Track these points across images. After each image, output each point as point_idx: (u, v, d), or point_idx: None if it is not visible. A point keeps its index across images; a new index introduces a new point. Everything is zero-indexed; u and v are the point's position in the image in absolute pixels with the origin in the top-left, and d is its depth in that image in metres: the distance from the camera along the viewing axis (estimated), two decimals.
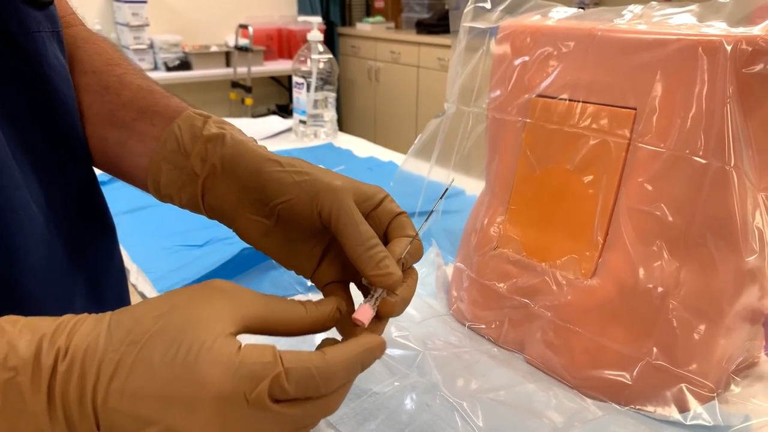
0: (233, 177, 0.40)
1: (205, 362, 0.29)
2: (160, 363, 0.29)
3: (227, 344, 0.30)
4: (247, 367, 0.30)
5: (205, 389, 0.29)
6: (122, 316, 0.31)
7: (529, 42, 0.65)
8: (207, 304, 0.32)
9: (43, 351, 0.29)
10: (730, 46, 0.50)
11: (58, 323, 0.30)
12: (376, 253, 0.38)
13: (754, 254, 0.50)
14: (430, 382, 0.57)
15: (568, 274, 0.59)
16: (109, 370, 0.29)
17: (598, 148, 0.58)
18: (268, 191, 0.40)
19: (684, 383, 0.52)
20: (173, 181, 0.42)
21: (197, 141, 0.42)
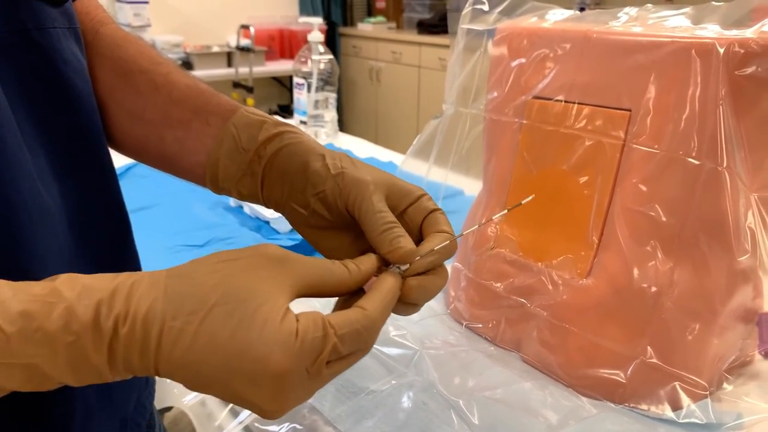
0: (285, 170, 0.43)
1: (268, 342, 0.31)
2: (223, 337, 0.31)
3: (288, 323, 0.32)
4: (307, 344, 0.32)
5: (267, 367, 0.31)
6: (178, 280, 0.32)
7: (526, 44, 0.66)
8: (262, 275, 0.33)
9: (101, 315, 0.30)
10: (722, 49, 0.51)
11: (115, 286, 0.31)
12: (390, 233, 0.39)
13: (746, 254, 0.51)
14: (427, 380, 0.58)
15: (563, 273, 0.60)
16: (170, 338, 0.31)
17: (594, 149, 0.59)
18: (309, 184, 0.43)
19: (677, 381, 0.53)
20: (231, 175, 0.45)
21: (254, 141, 0.44)
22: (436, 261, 0.40)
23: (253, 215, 0.99)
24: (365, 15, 4.35)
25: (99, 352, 0.30)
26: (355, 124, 4.29)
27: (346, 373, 0.59)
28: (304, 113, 1.48)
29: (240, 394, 0.32)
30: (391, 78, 3.90)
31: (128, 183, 1.16)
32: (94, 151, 0.45)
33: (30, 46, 0.40)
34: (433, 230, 0.42)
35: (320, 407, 0.56)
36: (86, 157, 0.44)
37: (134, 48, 0.50)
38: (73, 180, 0.42)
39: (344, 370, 0.35)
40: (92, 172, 0.45)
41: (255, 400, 0.32)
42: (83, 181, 0.44)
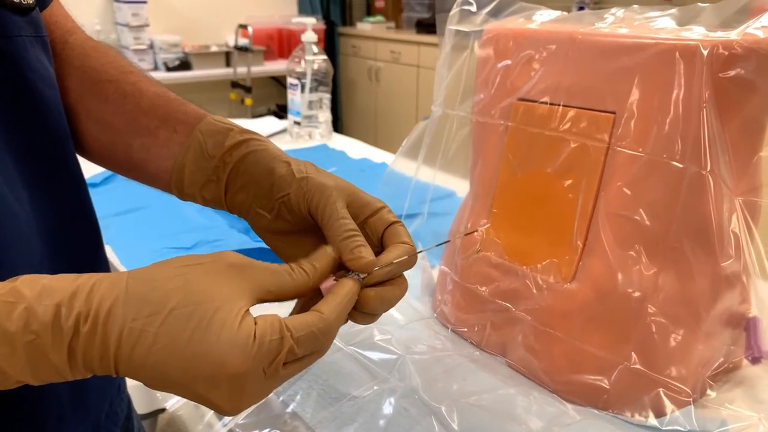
0: (250, 176, 0.44)
1: (225, 345, 0.32)
2: (182, 340, 0.32)
3: (246, 326, 0.33)
4: (264, 347, 0.33)
5: (224, 369, 0.32)
6: (140, 282, 0.33)
7: (512, 45, 0.65)
8: (222, 281, 0.34)
9: (62, 316, 0.31)
10: (706, 51, 0.50)
11: (76, 287, 0.32)
12: (352, 241, 0.40)
13: (730, 259, 0.50)
14: (410, 386, 0.57)
15: (548, 278, 0.59)
16: (130, 339, 0.31)
17: (578, 152, 0.58)
18: (274, 188, 0.44)
19: (661, 388, 0.52)
20: (196, 181, 0.46)
21: (220, 148, 0.45)
22: (395, 271, 0.41)
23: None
24: (364, 14, 4.34)
25: (59, 352, 0.31)
26: (354, 124, 4.28)
27: (329, 378, 0.60)
28: (297, 114, 1.47)
29: (200, 393, 0.33)
30: (390, 78, 3.89)
31: (118, 185, 1.15)
32: (63, 158, 0.46)
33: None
34: (395, 241, 0.42)
35: (302, 413, 0.56)
36: (54, 164, 0.45)
37: (103, 57, 0.50)
38: (42, 187, 0.43)
39: (300, 370, 0.36)
40: (61, 179, 0.45)
41: (213, 399, 0.33)
42: (52, 188, 0.44)
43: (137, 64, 0.53)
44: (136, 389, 0.79)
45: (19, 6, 0.41)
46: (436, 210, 0.83)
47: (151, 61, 3.53)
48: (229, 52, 3.67)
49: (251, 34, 3.54)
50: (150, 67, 3.52)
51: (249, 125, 1.65)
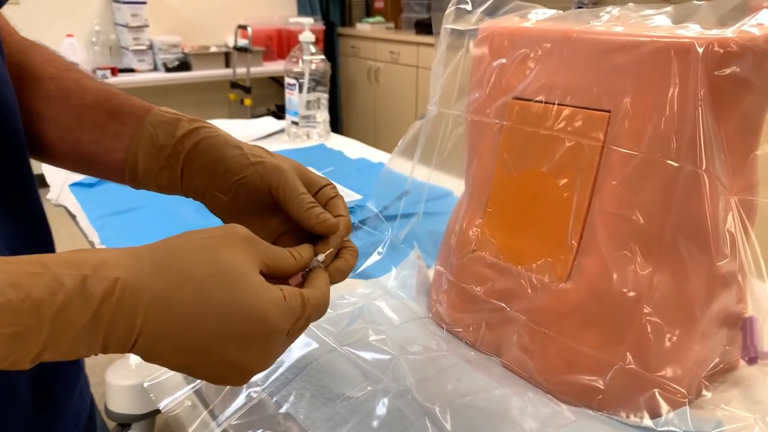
0: (204, 161, 0.47)
1: (266, 305, 0.36)
2: (218, 304, 0.34)
3: (275, 289, 0.37)
4: (292, 309, 0.37)
5: (264, 326, 0.36)
6: (163, 256, 0.35)
7: (507, 44, 0.65)
8: (239, 251, 0.37)
9: (89, 285, 0.32)
10: (701, 49, 0.50)
11: (99, 259, 0.33)
12: (315, 210, 0.46)
13: (725, 259, 0.50)
14: (404, 386, 0.57)
15: (542, 277, 0.59)
16: (161, 307, 0.33)
17: (573, 151, 0.58)
18: (229, 172, 0.47)
19: (656, 388, 0.52)
20: (149, 170, 0.48)
21: (171, 137, 0.48)
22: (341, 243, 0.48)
23: None
24: (364, 15, 4.34)
25: (83, 320, 0.31)
26: (354, 124, 4.28)
27: (323, 379, 0.59)
28: (295, 114, 1.47)
29: (227, 355, 0.35)
30: (389, 78, 3.89)
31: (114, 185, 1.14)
32: (21, 160, 0.46)
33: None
34: (334, 214, 0.48)
35: (295, 414, 0.55)
36: (14, 165, 0.45)
37: (42, 56, 0.52)
38: (3, 193, 0.43)
39: (302, 333, 0.41)
40: (21, 182, 0.46)
41: (241, 359, 0.36)
42: (11, 194, 0.45)
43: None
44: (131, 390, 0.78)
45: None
46: (432, 210, 0.83)
47: (150, 62, 3.53)
48: (229, 53, 3.67)
49: (250, 35, 3.54)
50: (149, 67, 3.51)
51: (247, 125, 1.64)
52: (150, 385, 0.65)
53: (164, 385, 0.65)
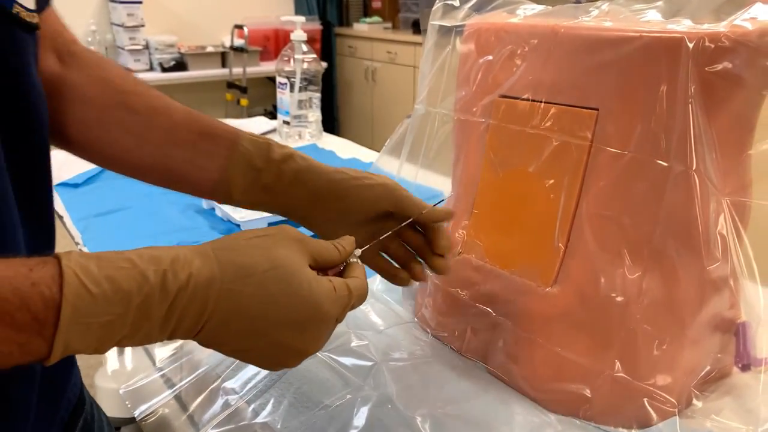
0: (306, 186, 0.54)
1: (320, 295, 0.40)
2: (279, 293, 0.38)
3: (325, 281, 0.41)
4: (341, 299, 0.41)
5: (319, 313, 0.40)
6: (226, 253, 0.38)
7: (494, 40, 0.63)
8: (291, 249, 0.41)
9: (168, 279, 0.35)
10: (692, 44, 0.48)
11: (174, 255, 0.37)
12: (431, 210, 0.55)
13: (716, 262, 0.48)
14: (384, 394, 0.55)
15: (529, 281, 0.57)
16: (229, 297, 0.37)
17: (560, 150, 0.56)
18: (336, 194, 0.54)
19: (646, 398, 0.50)
20: (244, 190, 0.53)
21: (268, 160, 0.53)
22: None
23: (225, 218, 0.96)
24: (361, 15, 4.32)
25: (161, 310, 0.35)
26: (351, 124, 4.26)
27: (302, 386, 0.57)
28: (287, 113, 1.45)
29: (283, 339, 0.39)
30: (386, 78, 3.87)
31: (101, 185, 1.13)
32: (45, 172, 0.47)
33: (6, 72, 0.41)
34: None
35: (272, 423, 0.54)
36: (39, 177, 0.46)
37: (116, 70, 0.54)
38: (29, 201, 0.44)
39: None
40: (42, 192, 0.47)
41: (298, 343, 0.40)
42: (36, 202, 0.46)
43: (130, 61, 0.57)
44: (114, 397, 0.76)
45: (29, 24, 0.43)
46: None
47: (146, 62, 3.50)
48: (225, 53, 3.65)
49: (247, 35, 3.52)
50: (145, 67, 3.49)
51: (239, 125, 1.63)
52: (125, 392, 0.63)
53: (140, 392, 0.63)
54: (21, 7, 0.41)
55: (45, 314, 0.32)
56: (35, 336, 0.32)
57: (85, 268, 0.33)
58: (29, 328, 0.32)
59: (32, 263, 0.33)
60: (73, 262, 0.33)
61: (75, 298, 0.32)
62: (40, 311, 0.32)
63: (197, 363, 0.64)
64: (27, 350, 0.32)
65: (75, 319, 0.32)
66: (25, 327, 0.32)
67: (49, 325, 0.32)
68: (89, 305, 0.33)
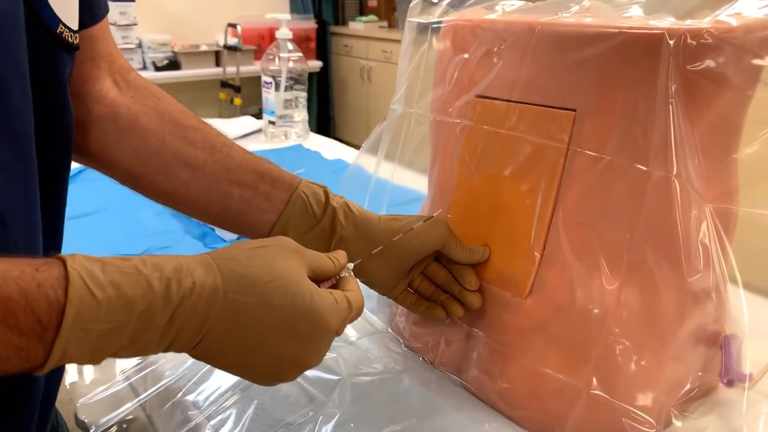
0: (365, 236, 0.54)
1: (322, 306, 0.39)
2: (281, 304, 0.38)
3: (326, 293, 0.40)
4: (342, 311, 0.41)
5: (322, 325, 0.39)
6: (228, 263, 0.38)
7: (470, 38, 0.60)
8: (291, 260, 0.40)
9: (172, 288, 0.34)
10: (672, 41, 0.45)
11: (177, 264, 0.36)
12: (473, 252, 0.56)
13: (698, 273, 0.45)
14: (348, 412, 0.52)
15: (503, 291, 0.54)
16: (231, 308, 0.36)
17: (537, 153, 0.53)
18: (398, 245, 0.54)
19: (624, 417, 0.47)
20: (298, 235, 0.53)
21: (324, 207, 0.54)
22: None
23: (201, 222, 0.93)
24: (357, 14, 4.29)
25: (162, 320, 0.34)
26: (346, 124, 4.23)
27: (263, 402, 0.54)
28: (272, 113, 1.42)
29: (285, 351, 0.39)
30: (382, 77, 3.84)
31: (77, 187, 1.10)
32: (65, 180, 0.46)
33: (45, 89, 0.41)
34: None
35: None
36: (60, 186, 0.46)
37: (174, 103, 0.55)
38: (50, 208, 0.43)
39: None
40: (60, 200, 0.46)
41: (299, 355, 0.39)
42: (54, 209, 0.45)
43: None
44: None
45: (71, 45, 0.43)
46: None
47: (139, 61, 3.47)
48: (219, 52, 3.62)
49: (240, 34, 3.49)
50: (138, 66, 3.46)
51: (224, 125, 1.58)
52: (81, 406, 0.60)
53: (96, 406, 0.60)
54: (65, 27, 0.42)
55: (48, 317, 0.31)
56: (35, 340, 0.31)
57: (90, 272, 0.32)
58: (31, 331, 0.31)
59: (37, 263, 0.32)
60: (78, 265, 0.32)
61: (79, 302, 0.31)
62: (44, 314, 0.31)
63: (160, 375, 0.61)
64: (25, 356, 0.31)
65: (77, 324, 0.31)
66: (28, 330, 0.30)
67: (50, 329, 0.31)
68: (93, 310, 0.32)
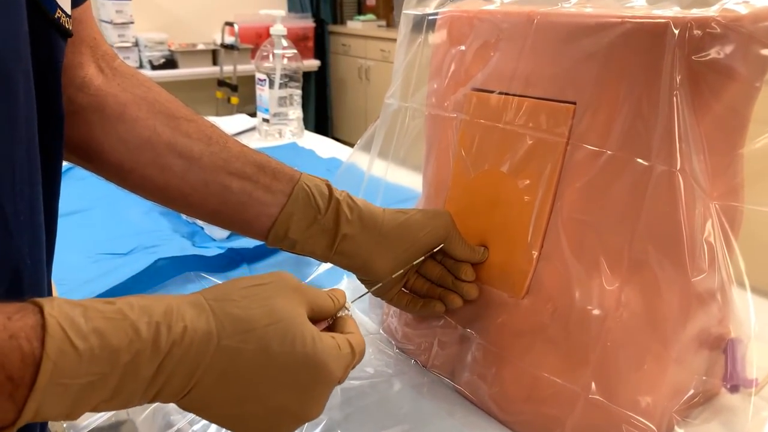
0: (372, 230, 0.51)
1: (324, 353, 0.36)
2: (279, 351, 0.35)
3: (327, 337, 0.37)
4: (345, 357, 0.38)
5: (325, 374, 0.36)
6: (222, 304, 0.35)
7: (467, 29, 0.58)
8: (291, 299, 0.37)
9: (161, 334, 0.32)
10: (677, 30, 0.43)
11: (166, 306, 0.33)
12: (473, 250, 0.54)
13: (702, 273, 0.43)
14: (335, 419, 0.49)
15: (500, 291, 0.52)
16: (225, 356, 0.33)
17: (535, 148, 0.51)
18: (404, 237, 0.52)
19: (623, 423, 0.45)
20: (301, 229, 0.50)
21: (328, 200, 0.51)
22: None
23: (190, 220, 0.91)
24: (355, 13, 4.27)
25: (150, 370, 0.31)
26: (344, 123, 4.21)
27: None
28: (266, 111, 1.40)
29: (283, 403, 0.35)
30: (380, 76, 3.82)
31: (64, 185, 1.07)
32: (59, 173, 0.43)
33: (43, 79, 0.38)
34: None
35: None
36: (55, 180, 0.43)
37: (163, 93, 0.52)
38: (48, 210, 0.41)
39: None
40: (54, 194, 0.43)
41: (297, 408, 0.36)
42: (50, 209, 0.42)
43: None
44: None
45: (67, 31, 0.40)
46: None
47: (136, 59, 3.44)
48: (216, 51, 3.60)
49: (237, 32, 3.46)
50: (135, 65, 3.43)
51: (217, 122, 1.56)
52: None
53: None
54: (62, 12, 0.38)
55: (21, 373, 0.28)
56: (5, 398, 0.28)
57: (70, 319, 0.29)
58: (0, 389, 0.27)
59: (10, 310, 0.29)
60: (57, 311, 0.29)
61: (57, 355, 0.28)
62: (16, 369, 0.27)
63: None
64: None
65: (54, 379, 0.28)
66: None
67: (23, 387, 0.28)
68: (72, 363, 0.29)
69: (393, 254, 0.52)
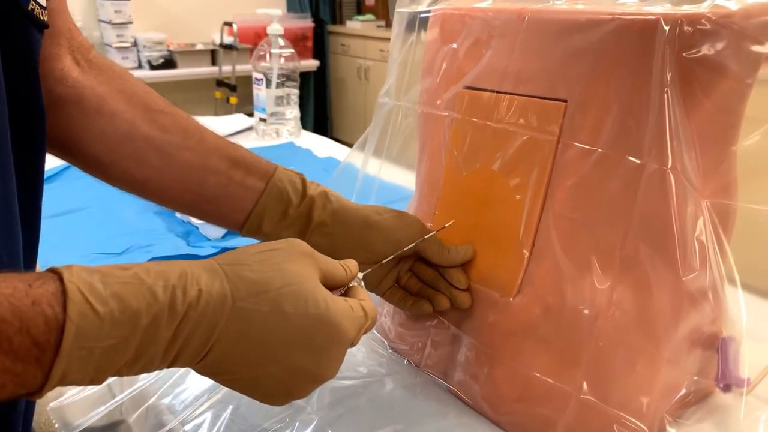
0: (343, 226, 0.52)
1: (338, 314, 0.37)
2: (295, 312, 0.35)
3: (341, 300, 0.38)
4: (358, 319, 0.38)
5: (338, 334, 0.37)
6: (235, 268, 0.35)
7: (459, 27, 0.58)
8: (303, 264, 0.38)
9: (177, 297, 0.32)
10: (668, 27, 0.42)
11: (181, 270, 0.33)
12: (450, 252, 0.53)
13: (694, 272, 0.43)
14: (326, 418, 0.49)
15: (491, 291, 0.52)
16: (240, 317, 0.34)
17: (526, 146, 0.51)
18: (373, 234, 0.52)
19: (616, 424, 0.44)
20: (274, 224, 0.52)
21: (301, 195, 0.52)
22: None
23: (185, 219, 0.90)
24: (354, 12, 4.27)
25: (168, 333, 0.32)
26: (344, 123, 4.21)
27: (240, 406, 0.52)
28: (263, 110, 1.40)
29: (298, 364, 0.36)
30: (379, 76, 3.81)
31: (61, 185, 1.07)
32: (41, 170, 0.43)
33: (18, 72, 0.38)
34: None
35: None
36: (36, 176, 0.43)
37: (141, 85, 0.52)
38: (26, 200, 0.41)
39: None
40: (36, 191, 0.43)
41: (313, 368, 0.36)
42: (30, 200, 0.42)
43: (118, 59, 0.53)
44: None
45: (42, 23, 0.39)
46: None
47: (134, 59, 3.44)
48: (215, 50, 3.59)
49: (236, 32, 3.46)
50: (134, 65, 3.43)
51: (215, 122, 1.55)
52: (53, 409, 0.58)
53: (70, 408, 0.58)
54: (35, 3, 0.38)
55: (46, 336, 0.28)
56: (32, 364, 0.28)
57: (89, 284, 0.30)
58: (27, 354, 0.28)
59: (30, 278, 0.29)
60: (76, 277, 0.30)
61: (80, 318, 0.29)
62: (41, 334, 0.28)
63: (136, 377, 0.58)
64: (21, 381, 0.29)
65: (78, 343, 0.29)
66: (23, 353, 0.28)
67: (49, 350, 0.29)
68: (95, 327, 0.29)
69: (363, 252, 0.52)
